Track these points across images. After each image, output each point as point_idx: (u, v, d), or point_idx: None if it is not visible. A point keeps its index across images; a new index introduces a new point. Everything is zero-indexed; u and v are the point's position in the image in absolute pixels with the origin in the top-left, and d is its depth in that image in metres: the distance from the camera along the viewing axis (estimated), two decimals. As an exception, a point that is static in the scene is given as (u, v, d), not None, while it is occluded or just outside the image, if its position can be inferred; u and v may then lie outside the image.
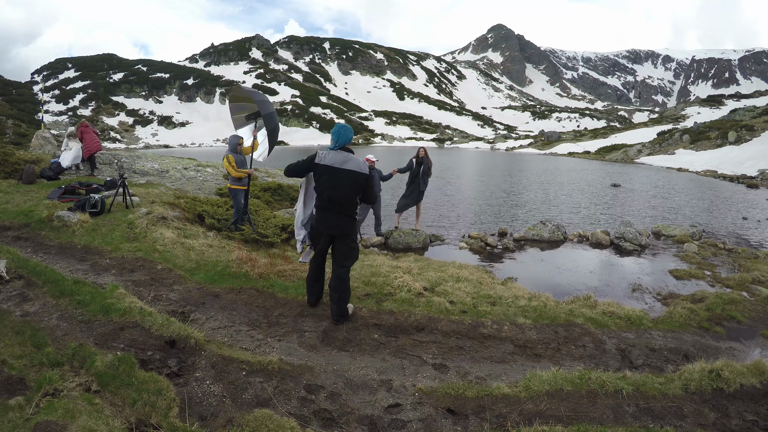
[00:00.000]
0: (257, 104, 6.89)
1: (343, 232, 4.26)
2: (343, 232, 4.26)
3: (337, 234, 4.26)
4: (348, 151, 4.22)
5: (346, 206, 4.21)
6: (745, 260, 8.11)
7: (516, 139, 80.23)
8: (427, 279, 5.86)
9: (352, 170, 4.11)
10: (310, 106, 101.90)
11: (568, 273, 7.42)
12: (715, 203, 16.08)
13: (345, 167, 4.10)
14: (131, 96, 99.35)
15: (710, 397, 3.47)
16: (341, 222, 4.24)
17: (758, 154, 29.83)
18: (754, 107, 48.57)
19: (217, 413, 2.92)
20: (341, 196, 4.13)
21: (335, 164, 4.11)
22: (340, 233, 4.26)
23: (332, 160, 4.13)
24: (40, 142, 14.73)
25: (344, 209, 4.21)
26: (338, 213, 4.21)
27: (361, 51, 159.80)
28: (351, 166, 4.12)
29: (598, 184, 20.98)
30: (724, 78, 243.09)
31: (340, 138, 4.21)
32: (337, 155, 4.15)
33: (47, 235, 6.34)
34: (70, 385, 2.80)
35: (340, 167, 4.10)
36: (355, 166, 4.13)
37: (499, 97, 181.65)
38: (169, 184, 11.35)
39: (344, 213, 4.23)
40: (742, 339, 4.84)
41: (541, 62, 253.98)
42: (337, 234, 4.26)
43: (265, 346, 3.93)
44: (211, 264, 5.73)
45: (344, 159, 4.13)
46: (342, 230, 4.25)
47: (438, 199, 14.98)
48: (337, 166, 4.10)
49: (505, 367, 3.89)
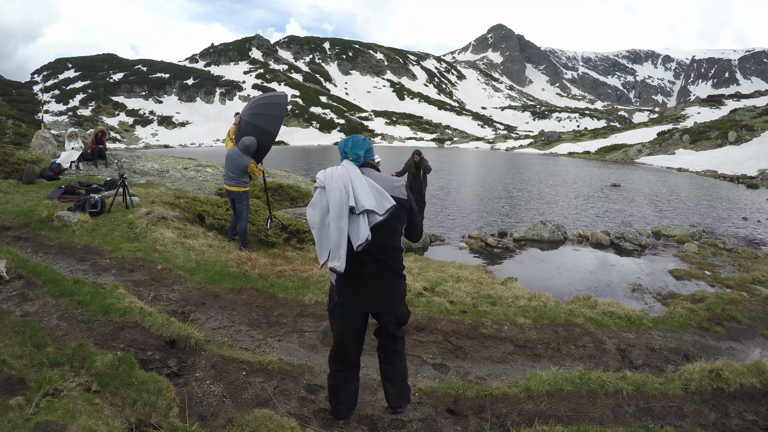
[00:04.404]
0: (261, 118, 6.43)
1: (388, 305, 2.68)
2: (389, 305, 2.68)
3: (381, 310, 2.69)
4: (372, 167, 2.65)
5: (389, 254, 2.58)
6: (745, 260, 8.11)
7: (516, 139, 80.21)
8: (427, 279, 5.86)
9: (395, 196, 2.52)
10: (310, 106, 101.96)
11: (568, 273, 7.42)
12: (715, 203, 16.08)
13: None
14: (131, 96, 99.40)
15: (710, 397, 3.47)
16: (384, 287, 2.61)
17: (758, 154, 29.82)
18: (754, 107, 48.55)
19: (217, 413, 2.92)
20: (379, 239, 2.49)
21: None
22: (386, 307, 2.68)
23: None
24: (40, 142, 14.72)
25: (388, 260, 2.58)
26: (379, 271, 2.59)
27: (361, 51, 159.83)
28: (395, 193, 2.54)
29: (598, 184, 20.98)
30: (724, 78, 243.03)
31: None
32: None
33: (47, 235, 6.34)
34: (70, 385, 2.80)
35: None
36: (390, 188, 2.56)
37: (499, 97, 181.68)
38: (169, 184, 11.35)
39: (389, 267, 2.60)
40: (742, 339, 4.84)
41: (541, 62, 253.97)
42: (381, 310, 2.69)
43: (265, 346, 3.93)
44: (211, 264, 5.73)
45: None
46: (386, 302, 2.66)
47: (438, 200, 14.98)
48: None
49: (505, 367, 3.89)
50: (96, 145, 12.39)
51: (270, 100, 6.76)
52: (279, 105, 6.72)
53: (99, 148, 12.40)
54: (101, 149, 12.50)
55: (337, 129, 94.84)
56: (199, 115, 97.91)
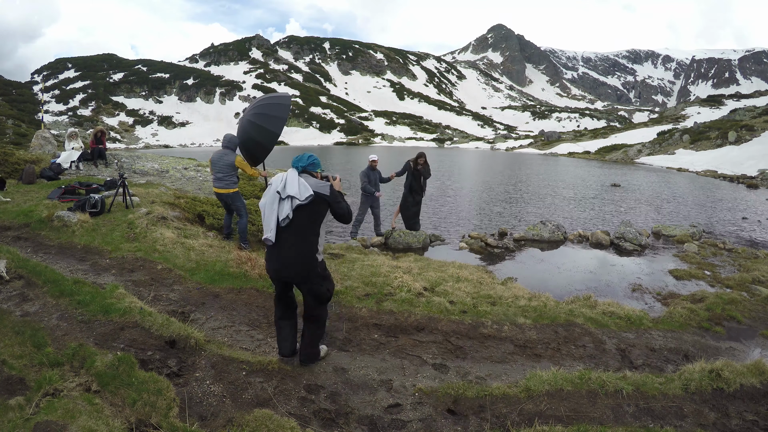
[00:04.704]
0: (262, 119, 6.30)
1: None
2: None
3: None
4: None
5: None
6: (745, 260, 8.11)
7: (516, 139, 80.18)
8: (427, 279, 5.86)
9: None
10: (310, 106, 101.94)
11: (568, 273, 7.42)
12: (715, 203, 16.08)
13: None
14: (131, 96, 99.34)
15: (710, 397, 3.47)
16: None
17: (758, 154, 29.81)
18: (754, 107, 48.54)
19: (217, 413, 2.92)
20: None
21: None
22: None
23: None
24: (40, 142, 14.72)
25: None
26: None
27: (361, 51, 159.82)
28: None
29: (598, 184, 20.98)
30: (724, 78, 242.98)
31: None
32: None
33: (47, 235, 6.34)
34: (70, 385, 2.80)
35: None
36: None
37: (499, 97, 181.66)
38: (169, 184, 11.36)
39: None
40: (742, 339, 4.84)
41: (541, 62, 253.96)
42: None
43: (265, 346, 3.93)
44: (211, 264, 5.73)
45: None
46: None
47: (438, 200, 14.98)
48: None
49: (505, 367, 3.89)
50: (96, 145, 12.45)
51: (273, 100, 6.73)
52: (282, 106, 6.68)
53: (99, 148, 12.45)
54: (101, 149, 12.55)
55: (337, 129, 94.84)
56: (199, 115, 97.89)
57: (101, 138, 12.70)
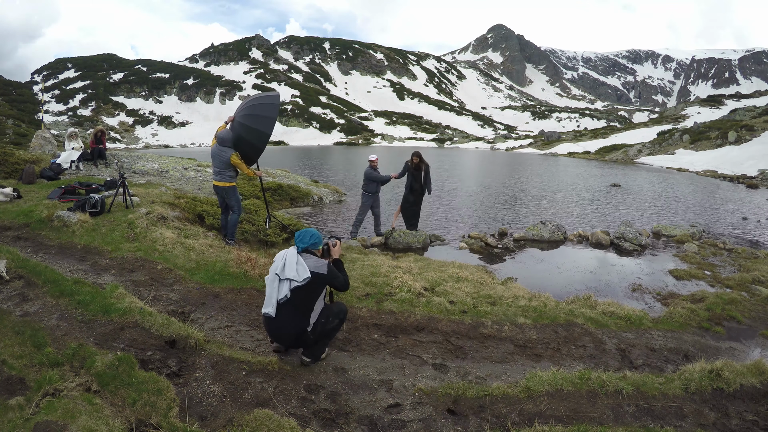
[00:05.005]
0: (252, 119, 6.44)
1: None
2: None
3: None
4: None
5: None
6: (745, 260, 8.11)
7: (516, 139, 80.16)
8: (427, 279, 5.86)
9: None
10: (310, 106, 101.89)
11: (568, 273, 7.42)
12: (715, 203, 16.08)
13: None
14: (131, 96, 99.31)
15: (710, 397, 3.47)
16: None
17: (758, 154, 29.80)
18: (754, 107, 48.52)
19: (217, 413, 2.92)
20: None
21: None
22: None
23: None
24: (40, 142, 14.73)
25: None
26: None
27: (361, 51, 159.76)
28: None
29: (598, 184, 20.98)
30: (724, 78, 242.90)
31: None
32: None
33: (47, 235, 6.34)
34: (70, 385, 2.80)
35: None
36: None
37: (499, 97, 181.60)
38: (169, 184, 11.36)
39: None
40: (742, 339, 4.84)
41: (541, 62, 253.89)
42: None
43: (265, 345, 3.93)
44: (211, 264, 5.73)
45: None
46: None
47: (438, 199, 14.98)
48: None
49: (505, 367, 3.89)
50: (96, 145, 12.46)
51: (262, 100, 6.75)
52: (272, 105, 6.71)
53: (99, 148, 12.46)
54: (101, 149, 12.56)
55: (337, 129, 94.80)
56: (199, 115, 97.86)
57: (101, 138, 12.71)
